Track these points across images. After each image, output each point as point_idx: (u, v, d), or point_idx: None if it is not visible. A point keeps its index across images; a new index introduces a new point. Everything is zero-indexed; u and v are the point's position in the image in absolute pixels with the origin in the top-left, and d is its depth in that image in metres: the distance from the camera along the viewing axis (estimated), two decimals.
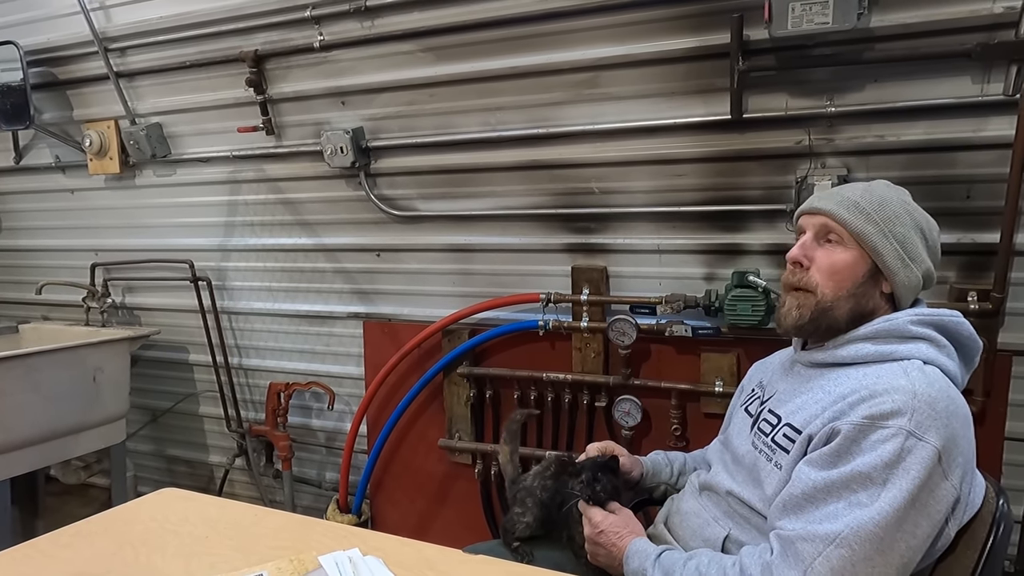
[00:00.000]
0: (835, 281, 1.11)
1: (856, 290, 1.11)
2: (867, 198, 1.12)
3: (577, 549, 1.26)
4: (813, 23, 1.51)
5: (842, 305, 1.11)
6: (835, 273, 1.11)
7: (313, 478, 2.67)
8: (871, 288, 1.12)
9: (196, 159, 2.49)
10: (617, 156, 1.91)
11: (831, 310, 1.11)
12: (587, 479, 1.24)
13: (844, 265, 1.11)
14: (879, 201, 1.11)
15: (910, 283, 1.11)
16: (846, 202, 1.12)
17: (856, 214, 1.11)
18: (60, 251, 2.90)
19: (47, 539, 1.14)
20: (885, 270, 1.10)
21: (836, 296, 1.11)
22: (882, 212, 1.10)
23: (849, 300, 1.11)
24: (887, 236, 1.09)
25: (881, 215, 1.10)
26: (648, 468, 1.41)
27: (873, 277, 1.11)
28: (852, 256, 1.11)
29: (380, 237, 2.30)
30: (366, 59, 2.09)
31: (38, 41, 2.51)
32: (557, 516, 1.29)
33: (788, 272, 1.17)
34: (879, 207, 1.11)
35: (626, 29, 1.79)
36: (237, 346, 2.68)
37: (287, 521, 1.21)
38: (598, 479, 1.23)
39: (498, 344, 2.20)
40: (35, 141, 2.78)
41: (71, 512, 2.72)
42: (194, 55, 2.31)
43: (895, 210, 1.11)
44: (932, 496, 0.96)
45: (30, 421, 2.20)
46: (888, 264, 1.10)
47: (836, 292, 1.11)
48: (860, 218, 1.10)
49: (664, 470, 1.43)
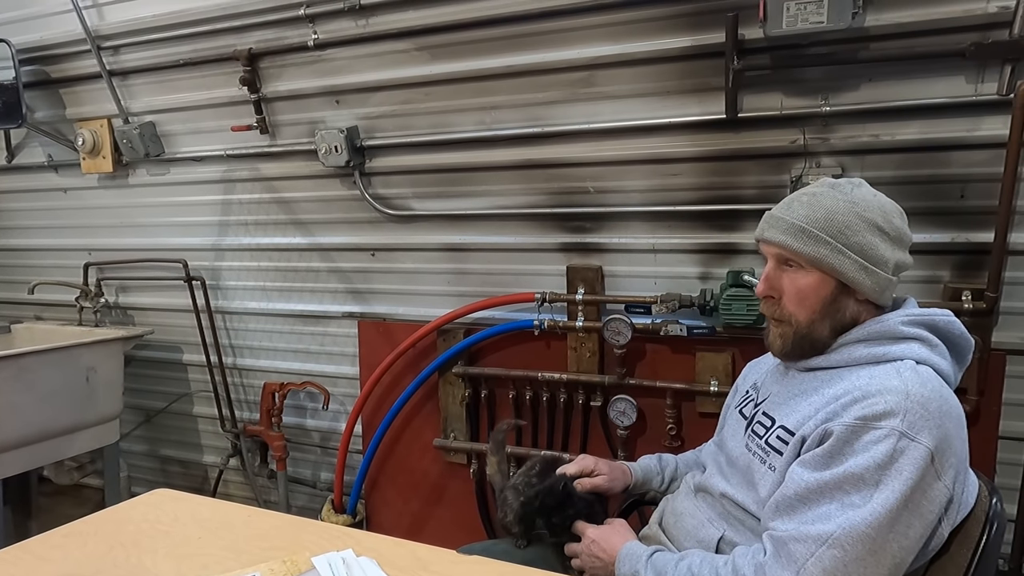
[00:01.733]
0: (805, 306, 1.11)
1: (828, 308, 1.10)
2: (812, 217, 1.08)
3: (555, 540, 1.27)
4: (808, 22, 1.51)
5: (818, 326, 1.11)
6: (803, 299, 1.10)
7: (308, 478, 2.67)
8: (844, 300, 1.10)
9: (190, 158, 2.48)
10: (612, 155, 1.91)
11: (810, 333, 1.11)
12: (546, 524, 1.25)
13: (809, 289, 1.10)
14: (825, 217, 1.07)
15: (880, 286, 1.09)
16: (792, 229, 1.08)
17: (805, 240, 1.07)
18: (53, 250, 2.88)
19: (38, 540, 1.14)
20: (851, 284, 1.08)
21: (810, 320, 1.11)
22: (830, 228, 1.06)
23: (824, 319, 1.10)
24: (842, 252, 1.06)
25: (830, 231, 1.06)
26: (638, 476, 1.40)
27: (843, 291, 1.10)
28: (815, 279, 1.09)
29: (375, 236, 2.29)
30: (360, 58, 2.09)
31: (30, 39, 2.49)
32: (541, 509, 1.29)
33: (762, 305, 1.18)
34: (826, 224, 1.07)
35: (621, 28, 1.79)
36: (231, 346, 2.67)
37: (280, 522, 1.20)
38: (553, 517, 1.24)
39: (493, 344, 2.20)
40: (27, 140, 2.77)
41: (64, 513, 2.70)
42: (188, 53, 2.29)
43: (844, 220, 1.07)
44: (925, 497, 0.96)
45: (23, 421, 2.19)
46: (852, 278, 1.07)
47: (809, 316, 1.11)
48: (810, 243, 1.07)
49: (655, 479, 1.42)
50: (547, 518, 1.25)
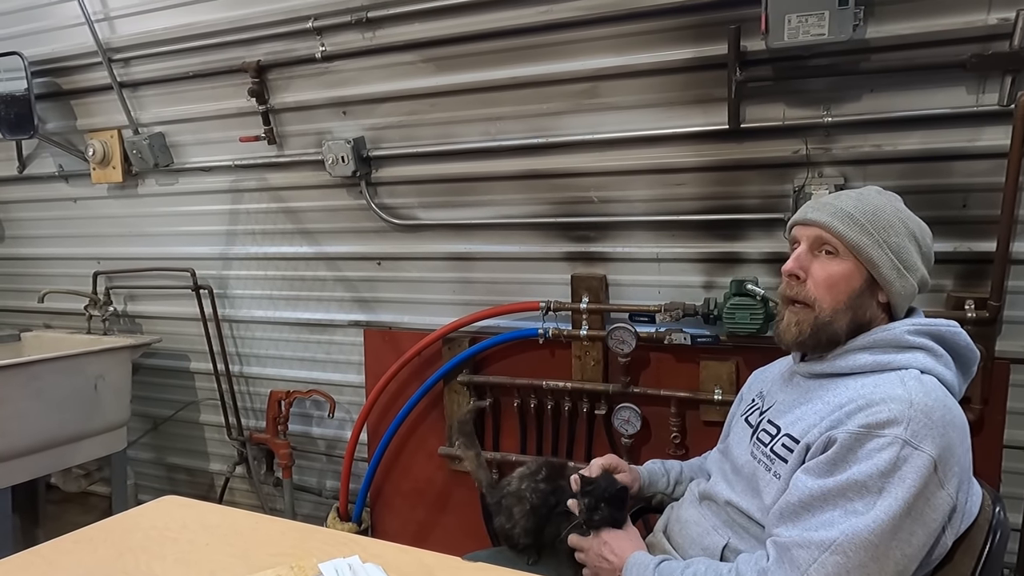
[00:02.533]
0: (832, 294, 1.11)
1: (853, 302, 1.11)
2: (860, 208, 1.11)
3: (566, 553, 1.26)
4: (809, 34, 1.53)
5: (840, 318, 1.11)
6: (832, 285, 1.11)
7: (313, 486, 2.68)
8: (868, 299, 1.12)
9: (198, 168, 2.51)
10: (616, 165, 1.93)
11: (830, 323, 1.11)
12: (588, 505, 1.21)
13: (841, 277, 1.11)
14: (873, 211, 1.11)
15: (906, 292, 1.12)
16: (840, 213, 1.11)
17: (851, 225, 1.10)
18: (62, 259, 2.91)
19: (49, 546, 1.15)
20: (882, 281, 1.10)
21: (834, 309, 1.11)
22: (876, 222, 1.10)
23: (847, 312, 1.11)
24: (882, 247, 1.09)
25: (875, 225, 1.10)
26: (644, 479, 1.41)
27: (869, 288, 1.11)
28: (848, 267, 1.11)
29: (381, 246, 2.31)
30: (367, 69, 2.11)
31: (43, 52, 2.53)
32: (548, 521, 1.29)
33: (785, 285, 1.17)
34: (873, 217, 1.10)
35: (625, 40, 1.81)
36: (238, 354, 2.69)
37: (287, 528, 1.22)
38: (599, 508, 1.21)
39: (498, 352, 2.21)
40: (38, 150, 2.80)
41: (71, 520, 2.72)
42: (197, 66, 2.33)
43: (889, 219, 1.11)
44: (928, 505, 0.97)
45: (32, 429, 2.21)
46: (884, 275, 1.10)
47: (834, 305, 1.11)
48: (855, 229, 1.10)
49: (660, 480, 1.43)
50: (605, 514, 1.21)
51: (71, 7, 2.40)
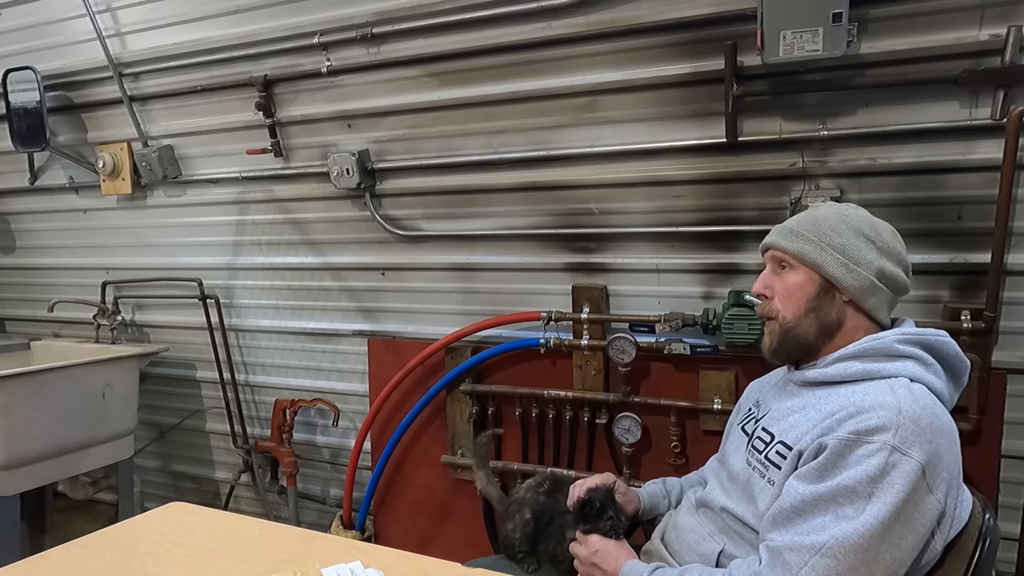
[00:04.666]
0: (791, 302, 1.19)
1: (812, 305, 1.17)
2: (803, 222, 1.21)
3: (559, 566, 1.28)
4: (804, 50, 1.56)
5: (803, 323, 1.17)
6: (790, 295, 1.19)
7: (317, 494, 2.70)
8: (828, 300, 1.17)
9: (206, 180, 2.55)
10: (616, 178, 1.96)
11: (794, 329, 1.18)
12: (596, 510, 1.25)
13: (796, 286, 1.19)
14: (813, 221, 1.20)
15: (861, 285, 1.15)
16: (783, 231, 1.22)
17: (792, 238, 1.19)
18: (72, 269, 2.95)
19: (58, 551, 1.18)
20: (831, 278, 1.16)
21: (795, 315, 1.18)
22: (816, 229, 1.18)
23: (808, 316, 1.17)
24: (824, 248, 1.16)
25: (816, 232, 1.18)
26: (645, 503, 1.42)
27: (826, 290, 1.17)
28: (801, 276, 1.19)
29: (385, 256, 2.35)
30: (372, 84, 2.15)
31: (55, 66, 2.59)
32: (544, 532, 1.31)
33: (758, 306, 1.26)
34: (813, 226, 1.19)
35: (624, 55, 1.84)
36: (244, 363, 2.72)
37: (291, 535, 1.24)
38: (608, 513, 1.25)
39: (500, 362, 2.23)
40: (50, 162, 2.85)
41: (78, 528, 2.75)
42: (205, 80, 2.37)
43: (830, 224, 1.18)
44: (917, 510, 0.99)
45: (41, 437, 2.23)
46: (831, 272, 1.15)
47: (795, 312, 1.18)
48: (796, 240, 1.19)
49: (662, 503, 1.44)
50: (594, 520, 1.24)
51: (83, 23, 2.46)
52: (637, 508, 1.41)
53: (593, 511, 1.24)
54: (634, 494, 1.42)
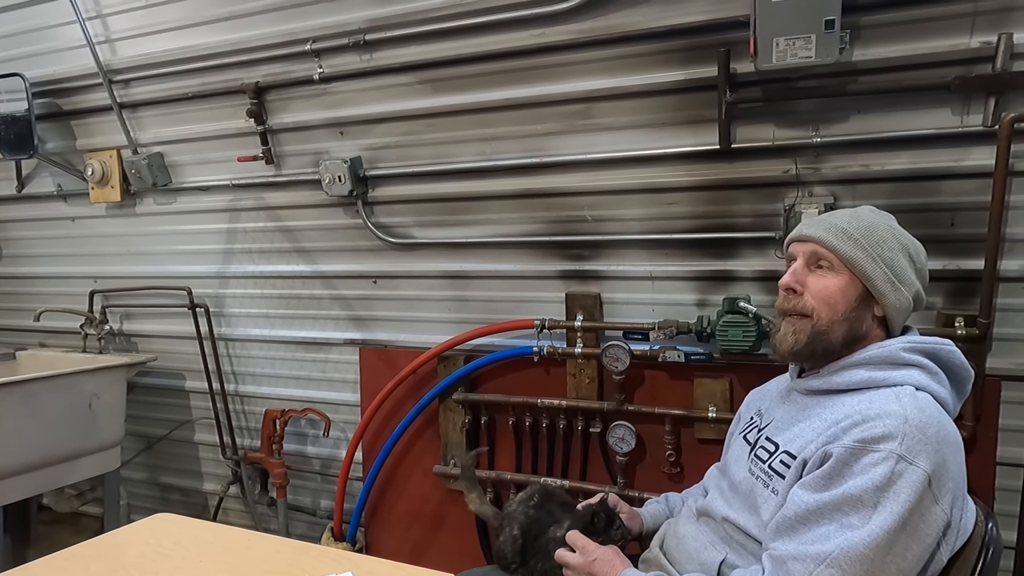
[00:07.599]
0: (830, 305, 1.14)
1: (850, 314, 1.13)
2: (855, 224, 1.15)
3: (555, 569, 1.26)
4: (797, 57, 1.56)
5: (837, 329, 1.13)
6: (828, 297, 1.14)
7: (308, 506, 2.66)
8: (864, 312, 1.14)
9: (196, 187, 2.53)
10: (609, 185, 1.95)
11: (827, 334, 1.14)
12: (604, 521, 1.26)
13: (836, 289, 1.14)
14: (866, 227, 1.15)
15: (900, 305, 1.14)
16: (834, 229, 1.15)
17: (845, 240, 1.14)
18: (59, 278, 2.92)
19: (41, 563, 1.15)
20: (876, 293, 1.13)
21: (832, 320, 1.13)
22: (870, 237, 1.14)
23: (843, 324, 1.13)
24: (876, 260, 1.12)
25: (869, 240, 1.13)
26: (648, 524, 1.41)
27: (865, 301, 1.14)
28: (843, 281, 1.14)
29: (377, 264, 2.33)
30: (364, 91, 2.15)
31: (44, 73, 2.57)
32: (532, 547, 1.30)
33: (781, 299, 1.20)
34: (867, 232, 1.14)
35: (618, 62, 1.85)
36: (233, 373, 2.69)
37: (280, 546, 1.22)
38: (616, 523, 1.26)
39: (493, 370, 2.21)
40: (38, 170, 2.83)
41: (63, 541, 2.68)
42: (196, 87, 2.36)
43: (882, 235, 1.15)
44: (923, 520, 0.98)
45: (26, 448, 2.20)
46: (879, 287, 1.12)
47: (831, 316, 1.13)
48: (849, 244, 1.13)
49: (665, 522, 1.41)
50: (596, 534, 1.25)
51: (73, 29, 2.44)
52: (641, 529, 1.40)
53: (601, 522, 1.24)
54: (637, 514, 1.41)
